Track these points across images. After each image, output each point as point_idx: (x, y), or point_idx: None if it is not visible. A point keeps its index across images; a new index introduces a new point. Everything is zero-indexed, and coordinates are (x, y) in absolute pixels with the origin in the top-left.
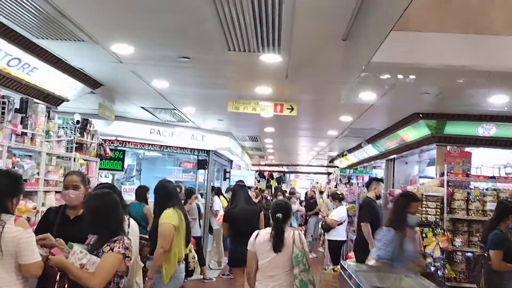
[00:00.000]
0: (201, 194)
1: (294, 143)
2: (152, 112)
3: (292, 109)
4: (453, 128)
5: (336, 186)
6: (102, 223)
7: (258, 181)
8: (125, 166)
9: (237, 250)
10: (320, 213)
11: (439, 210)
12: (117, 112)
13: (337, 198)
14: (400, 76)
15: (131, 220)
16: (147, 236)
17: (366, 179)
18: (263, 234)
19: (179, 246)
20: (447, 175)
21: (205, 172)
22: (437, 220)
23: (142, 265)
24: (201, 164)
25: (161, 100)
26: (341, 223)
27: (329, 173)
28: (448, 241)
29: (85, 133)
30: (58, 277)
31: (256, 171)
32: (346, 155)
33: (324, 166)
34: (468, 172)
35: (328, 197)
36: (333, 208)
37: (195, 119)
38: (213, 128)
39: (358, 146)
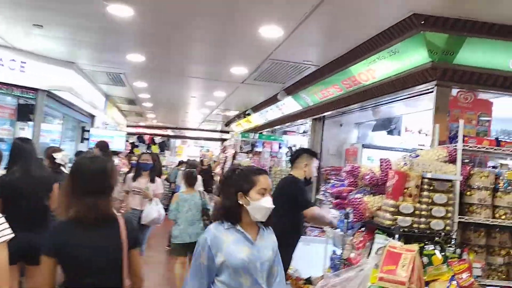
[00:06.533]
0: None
1: (178, 92)
2: None
3: None
4: (472, 55)
5: (234, 156)
6: None
7: (137, 146)
8: None
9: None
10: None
11: (450, 209)
12: None
13: None
14: None
15: None
16: None
17: (276, 147)
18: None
19: None
20: (463, 141)
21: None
22: (448, 228)
23: None
24: (24, 112)
25: None
26: None
27: (223, 140)
28: (471, 271)
29: None
30: None
31: (133, 134)
32: (249, 114)
33: (218, 131)
34: (499, 138)
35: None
36: None
37: None
38: (39, 52)
39: (270, 101)
